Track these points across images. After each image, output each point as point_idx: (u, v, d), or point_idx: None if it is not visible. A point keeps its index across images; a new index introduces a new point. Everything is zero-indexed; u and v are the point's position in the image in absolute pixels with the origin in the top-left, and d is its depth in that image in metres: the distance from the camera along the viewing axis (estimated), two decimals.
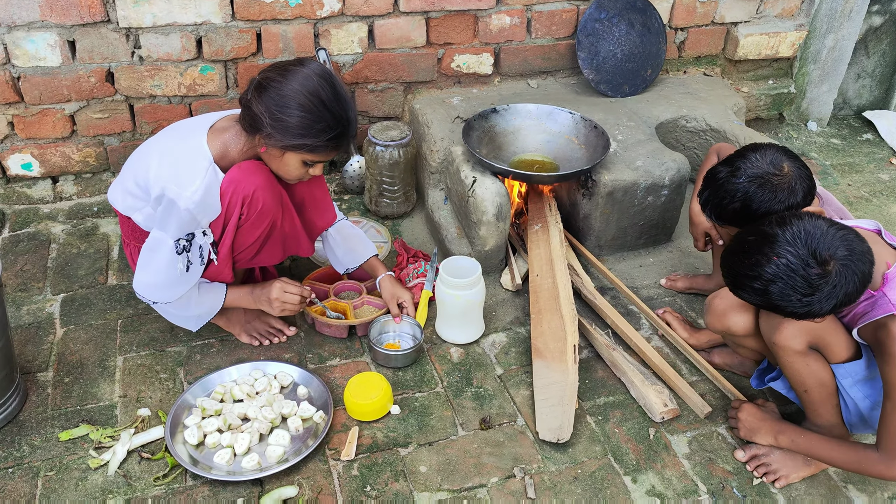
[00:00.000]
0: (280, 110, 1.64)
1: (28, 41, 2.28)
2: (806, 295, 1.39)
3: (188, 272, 1.78)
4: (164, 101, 2.50)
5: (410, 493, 1.65)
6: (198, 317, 1.92)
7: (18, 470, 1.67)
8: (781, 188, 1.62)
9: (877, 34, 3.27)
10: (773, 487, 1.69)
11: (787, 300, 1.41)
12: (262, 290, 1.93)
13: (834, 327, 1.59)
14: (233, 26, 2.41)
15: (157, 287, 1.81)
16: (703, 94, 2.79)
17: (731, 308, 1.71)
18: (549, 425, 1.78)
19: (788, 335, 1.58)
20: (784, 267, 1.39)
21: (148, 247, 1.77)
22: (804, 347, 1.59)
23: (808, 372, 1.62)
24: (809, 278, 1.38)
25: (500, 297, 2.24)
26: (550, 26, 2.73)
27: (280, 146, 1.69)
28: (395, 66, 2.63)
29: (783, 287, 1.40)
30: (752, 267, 1.43)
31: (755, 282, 1.43)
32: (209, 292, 1.89)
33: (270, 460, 1.70)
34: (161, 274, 1.77)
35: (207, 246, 1.78)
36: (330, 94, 1.66)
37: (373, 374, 1.89)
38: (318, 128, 1.66)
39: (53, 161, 2.52)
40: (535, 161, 2.42)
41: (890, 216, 2.75)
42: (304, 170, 1.78)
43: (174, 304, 1.86)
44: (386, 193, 2.53)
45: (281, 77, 1.65)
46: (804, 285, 1.38)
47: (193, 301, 1.87)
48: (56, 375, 1.92)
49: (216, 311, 1.92)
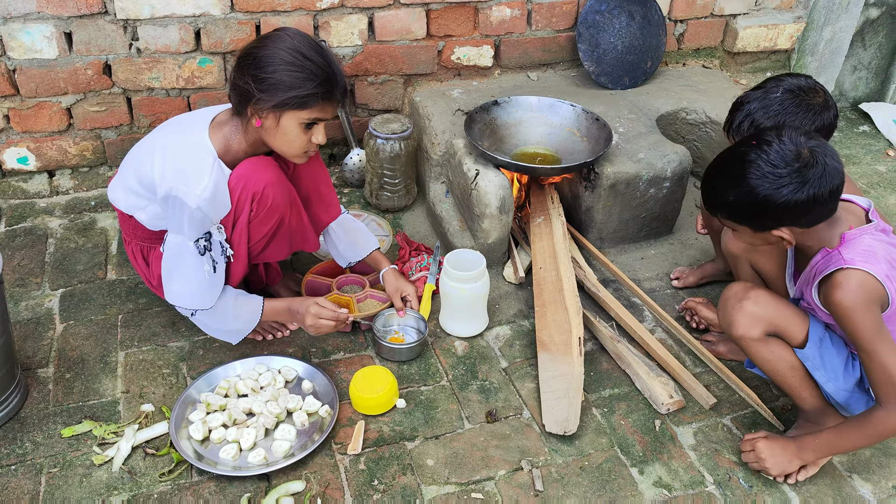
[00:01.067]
0: (262, 70, 1.61)
1: (24, 33, 2.25)
2: (782, 168, 1.43)
3: (216, 272, 1.74)
4: (163, 94, 2.48)
5: (418, 487, 1.65)
6: (237, 331, 1.88)
7: (21, 467, 1.66)
8: (816, 105, 1.65)
9: (873, 26, 3.28)
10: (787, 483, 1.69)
11: (766, 178, 1.44)
12: (299, 308, 1.88)
13: (787, 312, 1.65)
14: (232, 18, 2.39)
15: (193, 293, 1.76)
16: (703, 87, 2.79)
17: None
18: (555, 418, 1.78)
19: (744, 326, 1.64)
20: (765, 151, 1.44)
21: (171, 254, 1.73)
22: (761, 334, 1.64)
23: (774, 358, 1.66)
24: (786, 155, 1.43)
25: (503, 290, 2.23)
26: (551, 18, 2.72)
27: (271, 107, 1.63)
28: (395, 58, 2.62)
29: (764, 166, 1.44)
30: (735, 160, 1.48)
31: (738, 169, 1.47)
32: (246, 305, 1.85)
33: (277, 455, 1.69)
34: (193, 279, 1.73)
35: (224, 242, 1.75)
36: (308, 46, 1.63)
37: (378, 367, 1.88)
38: (303, 75, 1.62)
39: (50, 155, 2.50)
40: (538, 154, 2.41)
41: (887, 207, 2.76)
42: (305, 136, 1.70)
43: (212, 318, 1.81)
44: (387, 187, 2.51)
45: (258, 44, 1.65)
46: (779, 160, 1.43)
47: (230, 314, 1.83)
48: (57, 371, 1.90)
49: (254, 324, 1.87)
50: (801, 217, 1.47)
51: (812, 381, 1.67)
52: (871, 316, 1.48)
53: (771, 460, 1.66)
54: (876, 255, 1.50)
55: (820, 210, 1.47)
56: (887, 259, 1.50)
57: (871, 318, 1.48)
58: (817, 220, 1.50)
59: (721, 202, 1.53)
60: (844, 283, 1.48)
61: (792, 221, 1.49)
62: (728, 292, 1.70)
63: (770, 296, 1.67)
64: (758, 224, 1.51)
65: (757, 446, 1.68)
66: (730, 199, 1.50)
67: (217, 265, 1.74)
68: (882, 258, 1.50)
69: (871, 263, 1.48)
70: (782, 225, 1.49)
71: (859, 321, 1.48)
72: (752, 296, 1.65)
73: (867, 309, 1.48)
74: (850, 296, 1.47)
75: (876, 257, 1.49)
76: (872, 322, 1.48)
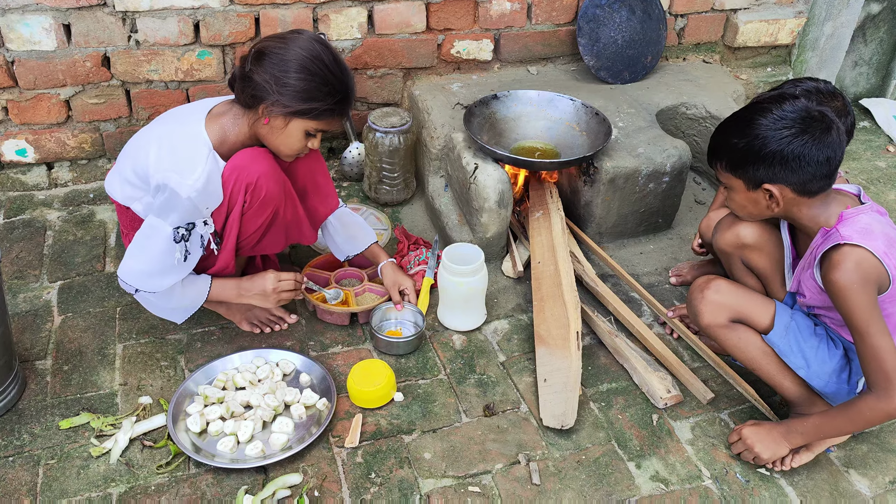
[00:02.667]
0: (285, 74, 1.62)
1: (22, 24, 2.24)
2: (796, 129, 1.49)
3: (185, 262, 1.75)
4: (161, 87, 2.47)
5: (415, 480, 1.65)
6: (182, 308, 1.88)
7: (19, 458, 1.66)
8: (834, 111, 1.66)
9: (874, 22, 3.27)
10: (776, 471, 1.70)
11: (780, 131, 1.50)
12: (252, 283, 1.87)
13: (749, 298, 1.71)
14: (231, 10, 2.38)
15: (148, 275, 1.75)
16: (703, 82, 2.79)
17: (736, 221, 1.78)
18: (552, 412, 1.78)
19: (708, 314, 1.70)
20: (779, 103, 1.53)
21: (142, 234, 1.73)
22: (726, 321, 1.70)
23: (744, 344, 1.71)
24: (797, 107, 1.51)
25: (502, 285, 2.23)
26: (551, 12, 2.71)
27: (286, 112, 1.66)
28: (394, 51, 2.61)
29: (774, 111, 1.51)
30: (751, 107, 1.56)
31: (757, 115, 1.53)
32: (193, 284, 1.83)
33: (274, 448, 1.69)
34: (154, 262, 1.73)
35: (208, 235, 1.75)
36: (331, 58, 1.66)
37: (376, 361, 1.89)
38: (324, 91, 1.65)
39: (48, 147, 2.49)
40: (536, 148, 2.41)
41: (887, 203, 2.75)
42: (304, 142, 1.74)
43: (157, 294, 1.79)
44: (386, 180, 2.51)
45: (281, 44, 1.65)
46: (790, 109, 1.51)
47: (177, 293, 1.81)
48: (55, 363, 1.90)
49: (200, 303, 1.87)
50: (793, 173, 1.51)
51: (789, 369, 1.69)
52: (867, 297, 1.49)
53: (759, 445, 1.67)
54: (873, 232, 1.51)
55: (812, 174, 1.50)
56: (885, 236, 1.52)
57: (866, 298, 1.49)
58: (809, 187, 1.52)
59: (724, 145, 1.59)
60: (842, 261, 1.50)
61: (784, 178, 1.52)
62: (692, 286, 1.76)
63: (731, 284, 1.73)
64: (752, 175, 1.55)
65: (743, 433, 1.70)
66: (733, 140, 1.56)
67: (189, 255, 1.74)
68: (880, 235, 1.51)
69: (869, 240, 1.49)
70: (775, 180, 1.53)
71: (854, 301, 1.49)
72: (713, 285, 1.71)
73: (863, 289, 1.48)
74: (847, 275, 1.49)
75: (873, 234, 1.51)
76: (867, 303, 1.49)
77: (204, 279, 1.85)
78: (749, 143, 1.52)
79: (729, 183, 1.62)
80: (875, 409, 1.52)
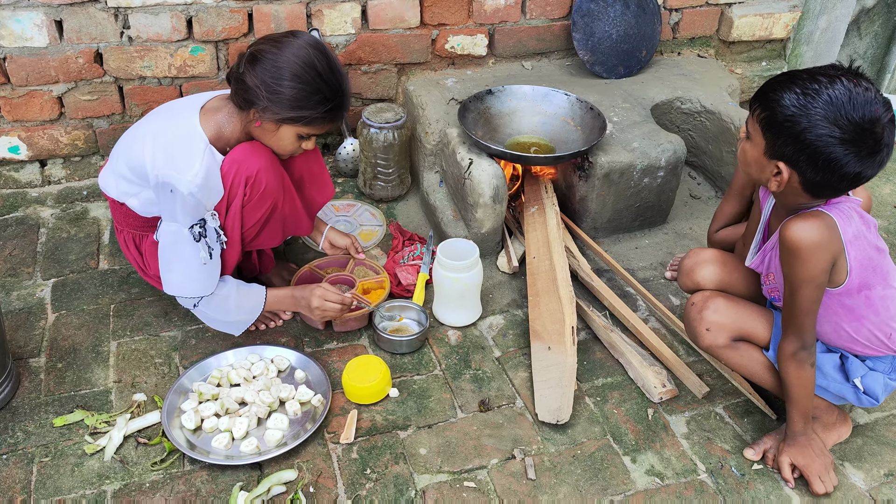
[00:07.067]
0: (276, 82, 1.61)
1: (14, 21, 2.23)
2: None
3: (212, 259, 1.74)
4: (155, 83, 2.46)
5: (411, 476, 1.65)
6: (239, 322, 1.88)
7: (13, 456, 1.65)
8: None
9: (869, 15, 3.27)
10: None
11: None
12: (303, 294, 1.88)
13: (749, 313, 1.67)
14: (224, 6, 2.37)
15: (193, 281, 1.74)
16: (698, 76, 2.78)
17: (699, 264, 1.77)
18: (548, 407, 1.78)
19: (709, 336, 1.67)
20: (852, 88, 1.35)
21: (167, 243, 1.72)
22: (728, 341, 1.67)
23: (747, 362, 1.68)
24: (866, 110, 1.35)
25: (497, 280, 2.23)
26: (545, 7, 2.70)
27: (276, 119, 1.66)
28: (388, 47, 2.60)
29: (840, 96, 1.34)
30: (822, 76, 1.37)
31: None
32: (249, 296, 1.84)
33: (269, 444, 1.69)
34: (192, 268, 1.72)
35: (219, 229, 1.75)
36: (325, 65, 1.64)
37: (371, 357, 1.88)
38: (315, 99, 1.64)
39: (41, 144, 2.48)
40: (531, 143, 2.40)
41: (881, 197, 2.76)
42: (298, 143, 1.75)
43: (214, 309, 1.80)
44: (380, 176, 2.50)
45: (275, 48, 1.63)
46: (858, 108, 1.35)
47: (233, 306, 1.82)
48: (49, 361, 1.89)
49: (257, 315, 1.87)
50: (815, 171, 1.39)
51: None
52: (817, 264, 1.44)
53: (808, 463, 1.64)
54: (851, 218, 1.47)
55: (832, 182, 1.40)
56: (858, 231, 1.48)
57: (816, 265, 1.44)
58: (819, 190, 1.44)
59: (772, 95, 1.41)
60: (807, 219, 1.44)
61: (803, 170, 1.40)
62: (688, 304, 1.72)
63: (728, 300, 1.68)
64: (777, 145, 1.42)
65: (781, 461, 1.66)
66: (781, 95, 1.39)
67: (213, 251, 1.73)
68: (855, 223, 1.47)
69: (843, 221, 1.45)
70: (794, 165, 1.41)
71: (803, 262, 1.44)
72: (711, 305, 1.67)
73: (815, 255, 1.43)
74: (808, 233, 1.43)
75: (850, 220, 1.47)
76: (815, 269, 1.44)
77: (259, 289, 1.85)
78: (796, 116, 1.37)
79: (753, 133, 1.48)
80: (787, 355, 1.56)
